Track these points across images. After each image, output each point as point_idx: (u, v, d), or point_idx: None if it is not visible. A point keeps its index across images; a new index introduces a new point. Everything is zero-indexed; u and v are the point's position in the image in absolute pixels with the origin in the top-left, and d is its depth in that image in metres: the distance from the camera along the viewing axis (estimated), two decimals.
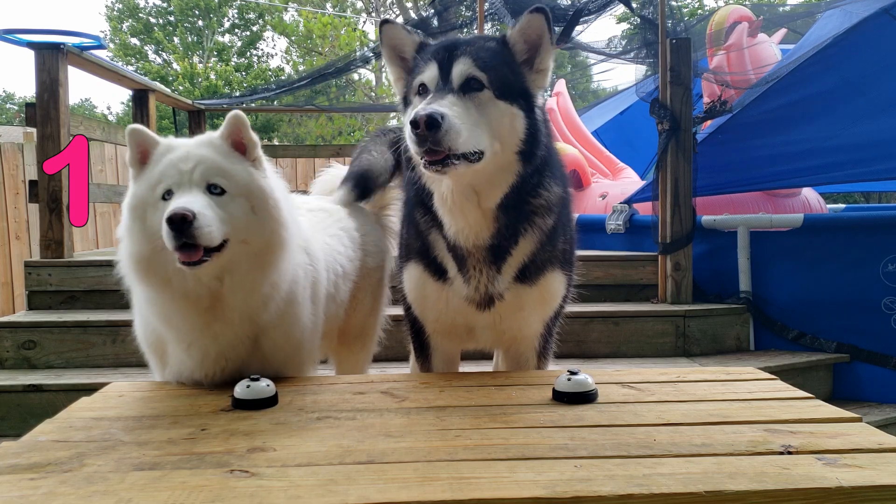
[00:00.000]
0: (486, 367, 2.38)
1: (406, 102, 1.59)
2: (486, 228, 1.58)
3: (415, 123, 1.36)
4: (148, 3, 23.50)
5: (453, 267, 1.66)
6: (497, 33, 1.80)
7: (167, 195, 1.47)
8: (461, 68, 1.48)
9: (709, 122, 4.23)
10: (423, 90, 1.52)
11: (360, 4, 23.02)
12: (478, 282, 1.64)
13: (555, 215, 1.65)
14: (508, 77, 1.51)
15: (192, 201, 1.42)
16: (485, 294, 1.65)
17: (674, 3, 4.52)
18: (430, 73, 1.51)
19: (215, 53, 22.82)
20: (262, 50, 24.38)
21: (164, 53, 23.19)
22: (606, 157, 5.99)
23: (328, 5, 22.12)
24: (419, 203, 1.66)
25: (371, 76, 20.40)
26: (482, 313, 1.68)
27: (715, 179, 4.05)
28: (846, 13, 4.31)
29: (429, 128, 1.35)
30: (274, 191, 1.57)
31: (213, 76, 19.50)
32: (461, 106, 1.43)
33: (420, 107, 1.39)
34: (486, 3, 5.27)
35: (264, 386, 1.43)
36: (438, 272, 1.69)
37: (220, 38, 23.68)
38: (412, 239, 1.74)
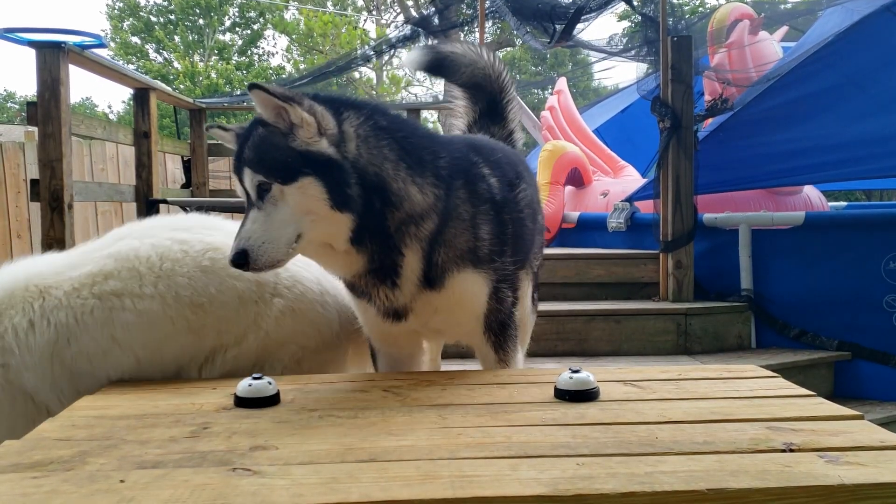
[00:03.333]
0: (472, 365, 2.37)
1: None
2: (355, 262, 1.55)
3: (231, 263, 1.44)
4: (149, 2, 23.50)
5: (356, 288, 1.66)
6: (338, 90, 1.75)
7: None
8: (248, 181, 1.47)
9: (710, 120, 4.23)
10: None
11: (360, 3, 23.01)
12: (380, 299, 1.62)
13: (435, 218, 1.56)
14: (285, 157, 1.45)
15: None
16: (391, 307, 1.63)
17: (675, 1, 4.52)
18: (239, 190, 1.54)
19: (216, 52, 22.81)
20: (262, 48, 24.39)
21: (164, 52, 23.19)
22: (608, 155, 5.99)
23: (329, 4, 22.11)
24: None
25: (372, 74, 20.41)
26: (402, 323, 1.67)
27: (716, 177, 4.05)
28: (847, 11, 4.30)
29: (242, 266, 1.43)
30: None
31: (214, 75, 19.51)
32: (263, 216, 1.44)
33: (232, 244, 1.45)
34: (488, 1, 5.28)
35: (266, 384, 1.44)
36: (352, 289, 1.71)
37: (220, 37, 23.66)
38: None
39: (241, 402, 1.42)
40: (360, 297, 1.68)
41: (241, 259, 1.42)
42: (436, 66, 2.33)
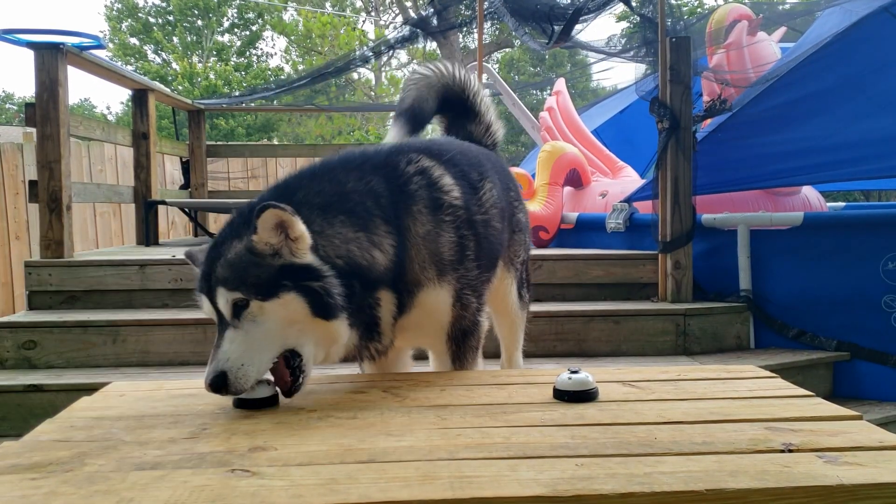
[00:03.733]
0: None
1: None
2: (352, 338, 1.53)
3: (209, 388, 1.35)
4: (147, 3, 23.50)
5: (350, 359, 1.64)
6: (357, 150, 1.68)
7: None
8: (223, 300, 1.38)
9: (709, 121, 4.23)
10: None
11: (359, 4, 23.01)
12: (369, 351, 1.61)
13: (397, 259, 1.55)
14: (265, 272, 1.38)
15: None
16: (379, 351, 1.63)
17: (673, 2, 4.51)
18: (206, 308, 1.45)
19: (215, 53, 22.80)
20: (261, 49, 24.37)
21: (163, 53, 23.19)
22: (606, 155, 5.99)
23: (327, 5, 22.12)
24: None
25: (371, 75, 20.42)
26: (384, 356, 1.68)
27: (715, 178, 4.05)
28: (846, 11, 4.31)
29: (219, 390, 1.34)
30: None
31: (212, 76, 19.48)
32: (242, 335, 1.36)
33: (208, 366, 1.36)
34: (486, 2, 5.28)
35: (265, 385, 1.44)
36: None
37: (219, 38, 23.66)
38: None
39: (240, 404, 1.42)
40: (353, 362, 1.66)
41: (220, 382, 1.33)
42: (416, 118, 2.22)
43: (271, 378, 1.47)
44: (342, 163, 1.64)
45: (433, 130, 2.44)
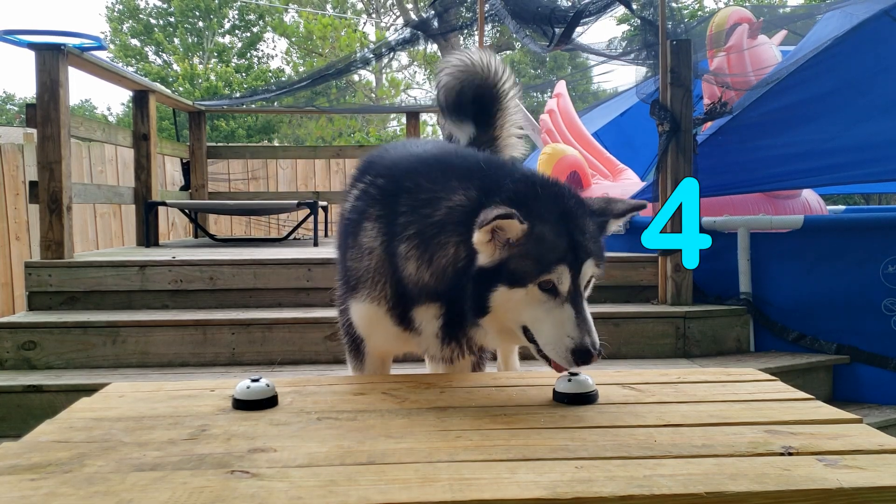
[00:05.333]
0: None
1: (503, 268, 1.41)
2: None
3: (585, 354, 1.36)
4: (148, 5, 23.54)
5: (431, 331, 1.56)
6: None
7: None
8: (589, 272, 1.45)
9: (709, 124, 4.23)
10: (547, 287, 1.40)
11: (360, 6, 23.04)
12: (453, 352, 1.59)
13: None
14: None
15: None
16: (456, 355, 1.61)
17: (674, 5, 4.52)
18: (562, 277, 1.40)
19: (215, 54, 22.82)
20: (262, 51, 24.39)
21: (164, 54, 23.21)
22: (607, 158, 5.99)
23: (328, 6, 22.15)
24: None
25: (371, 77, 20.43)
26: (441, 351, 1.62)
27: (715, 181, 4.05)
28: (846, 15, 4.31)
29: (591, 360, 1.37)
30: None
31: (213, 77, 19.49)
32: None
33: (580, 334, 1.38)
34: (487, 5, 5.28)
35: (264, 386, 1.44)
36: (404, 321, 1.59)
37: (220, 40, 23.69)
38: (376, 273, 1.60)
39: (240, 405, 1.42)
40: (418, 332, 1.58)
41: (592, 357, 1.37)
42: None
43: (270, 381, 1.47)
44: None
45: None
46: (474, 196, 1.45)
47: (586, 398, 1.44)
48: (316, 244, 5.20)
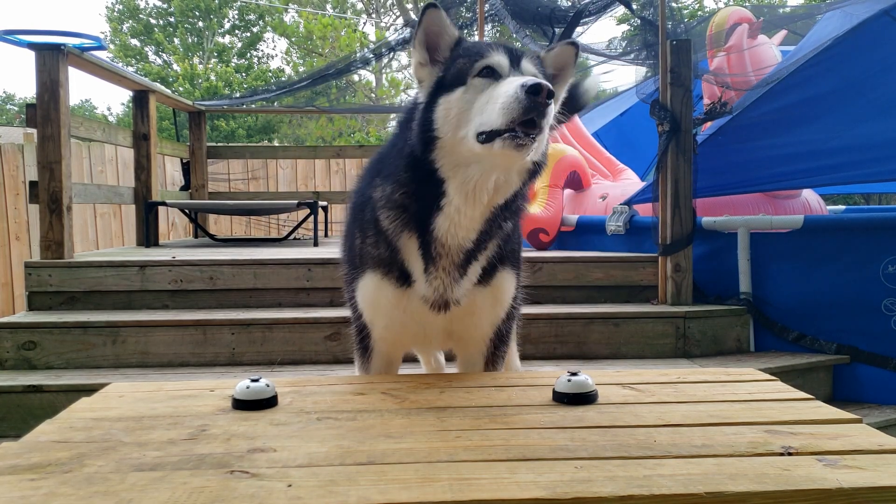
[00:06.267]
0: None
1: (441, 85, 1.52)
2: (475, 229, 1.57)
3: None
4: (148, 4, 23.54)
5: (419, 269, 1.61)
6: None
7: None
8: (528, 66, 1.52)
9: (709, 124, 4.23)
10: (488, 73, 1.46)
11: (360, 6, 23.04)
12: (442, 284, 1.61)
13: (518, 217, 1.69)
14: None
15: None
16: (443, 297, 1.63)
17: (674, 5, 4.52)
18: (498, 59, 1.48)
19: (215, 54, 22.83)
20: (262, 51, 24.40)
21: (164, 54, 23.21)
22: (606, 158, 5.99)
23: (328, 7, 22.14)
24: (393, 205, 1.61)
25: (371, 77, 20.42)
26: (436, 316, 1.66)
27: (715, 181, 4.05)
28: (846, 14, 4.31)
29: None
30: None
31: (213, 77, 19.50)
32: None
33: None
34: (487, 5, 5.27)
35: (264, 386, 1.44)
36: (401, 277, 1.64)
37: (220, 40, 23.69)
38: (370, 246, 1.68)
39: (239, 405, 1.42)
40: (413, 285, 1.64)
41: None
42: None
43: (270, 381, 1.47)
44: None
45: None
46: (402, 147, 1.62)
47: (586, 398, 1.44)
48: (316, 244, 5.20)
